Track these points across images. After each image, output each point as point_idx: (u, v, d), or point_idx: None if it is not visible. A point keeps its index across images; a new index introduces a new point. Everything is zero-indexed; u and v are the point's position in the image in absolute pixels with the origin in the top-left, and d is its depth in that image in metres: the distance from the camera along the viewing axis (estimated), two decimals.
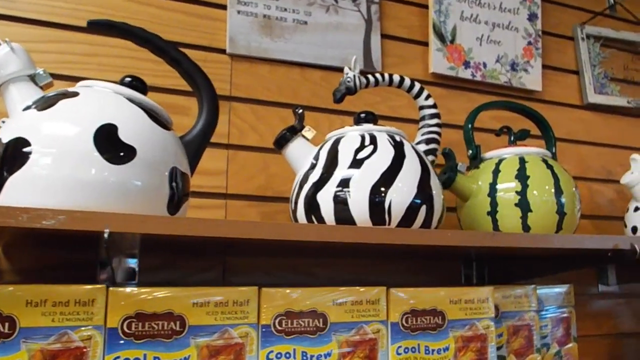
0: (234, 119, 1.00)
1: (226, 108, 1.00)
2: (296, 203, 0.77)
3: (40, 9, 0.92)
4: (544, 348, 0.98)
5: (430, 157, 0.85)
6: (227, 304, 0.62)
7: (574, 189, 0.94)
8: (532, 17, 1.28)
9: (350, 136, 0.78)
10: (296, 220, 0.77)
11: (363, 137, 0.77)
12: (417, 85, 0.88)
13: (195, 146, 0.71)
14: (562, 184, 0.92)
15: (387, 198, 0.70)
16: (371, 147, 0.74)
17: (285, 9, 1.07)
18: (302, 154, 0.79)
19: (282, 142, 0.80)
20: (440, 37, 1.17)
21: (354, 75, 0.85)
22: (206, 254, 0.92)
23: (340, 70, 1.03)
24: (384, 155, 0.73)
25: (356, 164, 0.73)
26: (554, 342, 1.01)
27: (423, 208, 0.72)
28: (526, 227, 0.90)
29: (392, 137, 0.77)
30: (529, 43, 1.27)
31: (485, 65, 1.21)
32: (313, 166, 0.76)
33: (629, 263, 0.80)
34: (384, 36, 1.16)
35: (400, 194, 0.71)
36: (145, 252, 0.87)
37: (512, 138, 1.03)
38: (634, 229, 1.14)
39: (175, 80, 0.97)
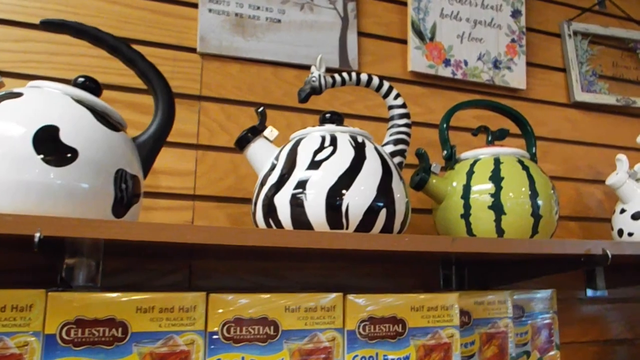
0: (204, 119, 0.99)
1: (196, 107, 0.99)
2: (255, 205, 0.75)
3: (6, 7, 0.91)
4: (524, 356, 0.96)
5: (398, 159, 0.83)
6: (173, 310, 0.61)
7: (551, 191, 0.92)
8: (515, 14, 1.25)
9: (311, 137, 0.76)
10: (256, 223, 0.76)
11: (324, 138, 0.75)
12: (386, 85, 0.87)
13: (149, 148, 0.70)
14: (538, 186, 0.90)
15: (345, 201, 0.69)
16: (331, 148, 0.73)
17: (258, 7, 1.05)
18: (263, 155, 0.78)
19: (243, 143, 0.79)
20: (419, 34, 1.15)
21: (319, 75, 0.83)
22: (173, 257, 0.91)
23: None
24: (343, 157, 0.71)
25: (314, 165, 0.71)
26: (534, 350, 0.99)
27: (383, 211, 0.70)
28: (500, 231, 0.88)
29: (354, 138, 0.75)
30: (513, 40, 1.24)
31: (466, 63, 1.19)
32: (273, 168, 0.75)
33: (602, 268, 0.77)
34: (361, 34, 1.14)
35: (358, 197, 0.69)
36: (108, 255, 0.86)
37: (489, 138, 1.00)
38: (620, 232, 1.11)
39: (138, 79, 0.96)
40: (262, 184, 0.75)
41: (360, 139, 0.76)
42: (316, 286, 0.99)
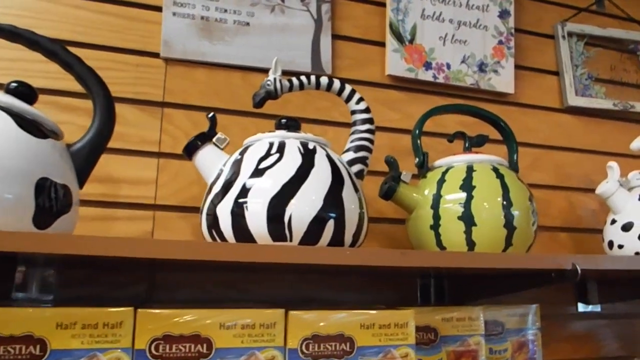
0: (167, 126, 0.97)
1: (158, 114, 0.97)
2: (201, 216, 0.72)
3: None
4: None
5: (358, 167, 0.79)
6: (98, 327, 0.58)
7: (528, 201, 0.87)
8: (503, 15, 1.21)
9: (260, 143, 0.73)
10: (203, 235, 0.73)
11: (271, 145, 0.72)
12: (348, 88, 0.83)
13: (84, 156, 0.68)
14: (512, 195, 0.85)
15: (288, 211, 0.65)
16: (277, 155, 0.70)
17: (226, 10, 1.03)
18: (212, 162, 0.75)
19: (190, 149, 0.76)
20: (398, 37, 1.12)
21: (275, 78, 0.80)
22: (133, 269, 0.89)
23: (285, 73, 0.98)
24: (289, 165, 0.68)
25: (257, 173, 0.68)
26: None
27: (331, 223, 0.67)
28: (470, 243, 0.83)
29: (304, 145, 0.72)
30: (500, 42, 1.20)
31: (449, 66, 1.15)
32: (219, 176, 0.72)
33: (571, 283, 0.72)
34: (336, 37, 1.11)
35: (303, 207, 0.66)
36: (65, 266, 0.85)
37: (467, 144, 0.96)
38: (610, 244, 1.05)
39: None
40: (208, 193, 0.72)
41: (311, 146, 0.73)
42: (284, 299, 0.95)
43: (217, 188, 0.70)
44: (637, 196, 1.04)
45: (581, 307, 1.18)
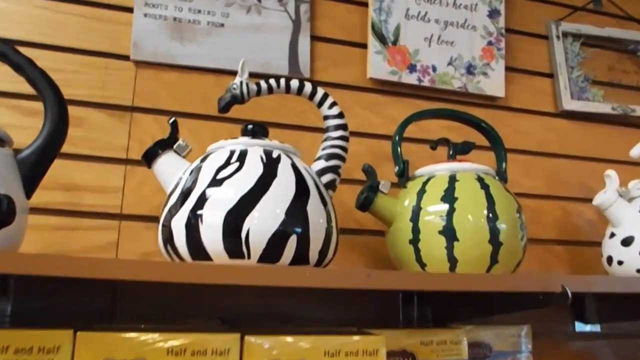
0: (135, 131, 0.93)
1: (126, 119, 0.93)
2: (159, 229, 0.68)
3: None
4: None
5: (329, 177, 0.75)
6: None
7: (516, 213, 0.82)
8: (493, 14, 1.16)
9: (222, 151, 0.69)
10: (160, 250, 0.68)
11: (232, 153, 0.67)
12: (320, 92, 0.79)
13: (32, 162, 0.63)
14: (498, 208, 0.80)
15: (245, 226, 0.61)
16: (236, 164, 0.65)
17: (199, 11, 0.99)
18: (171, 171, 0.71)
19: (149, 157, 0.72)
20: (381, 37, 1.07)
21: (241, 82, 0.76)
22: (95, 281, 0.84)
23: (261, 76, 0.94)
24: (249, 175, 0.64)
25: (215, 184, 0.63)
26: None
27: (293, 239, 0.62)
28: (452, 259, 0.78)
29: (267, 154, 0.68)
30: (489, 43, 1.15)
31: (434, 68, 1.10)
32: (177, 186, 0.68)
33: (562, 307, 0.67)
34: (316, 38, 1.06)
35: (262, 222, 0.61)
36: (23, 277, 0.80)
37: (451, 152, 0.91)
38: (609, 260, 0.99)
39: (73, 89, 0.91)
40: (165, 203, 0.68)
41: (275, 154, 0.68)
42: (255, 317, 0.91)
43: (173, 199, 0.66)
44: (637, 207, 0.98)
45: (578, 327, 1.12)
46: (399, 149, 0.89)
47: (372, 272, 0.57)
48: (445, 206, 0.79)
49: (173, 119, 0.74)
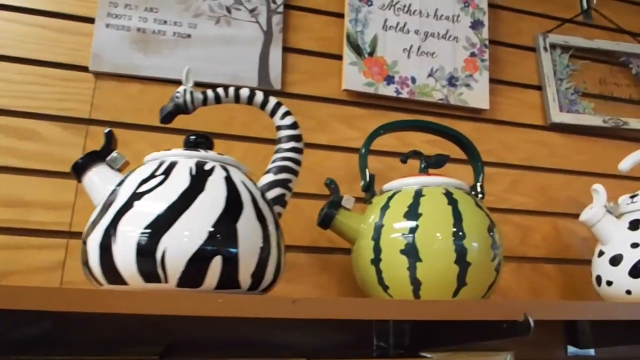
0: (90, 145, 0.83)
1: (82, 132, 0.84)
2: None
3: None
4: None
5: (277, 191, 0.64)
6: None
7: (486, 232, 0.69)
8: (476, 25, 1.05)
9: (152, 163, 0.58)
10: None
11: (160, 164, 0.57)
12: (272, 101, 0.68)
13: None
14: (466, 225, 0.67)
15: (161, 246, 0.50)
16: (161, 177, 0.55)
17: (165, 22, 0.90)
18: (101, 185, 0.60)
19: (78, 169, 0.61)
20: (356, 49, 0.96)
21: (185, 90, 0.66)
22: None
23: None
24: (172, 189, 0.53)
25: (134, 198, 0.53)
26: None
27: (217, 260, 0.51)
28: (415, 282, 0.66)
29: (199, 166, 0.57)
30: (473, 54, 1.03)
31: (414, 80, 0.98)
32: (100, 201, 0.57)
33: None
34: (290, 50, 0.96)
35: (180, 241, 0.50)
36: None
37: (422, 165, 0.79)
38: (598, 280, 0.85)
39: (28, 101, 0.83)
40: (89, 222, 0.57)
41: (209, 166, 0.57)
42: (216, 341, 0.79)
43: (94, 215, 0.55)
44: (626, 224, 0.84)
45: (571, 351, 0.97)
46: (365, 163, 0.78)
47: (298, 300, 0.45)
48: (408, 223, 0.67)
49: (108, 129, 0.64)
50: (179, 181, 0.54)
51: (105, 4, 0.87)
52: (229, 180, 0.56)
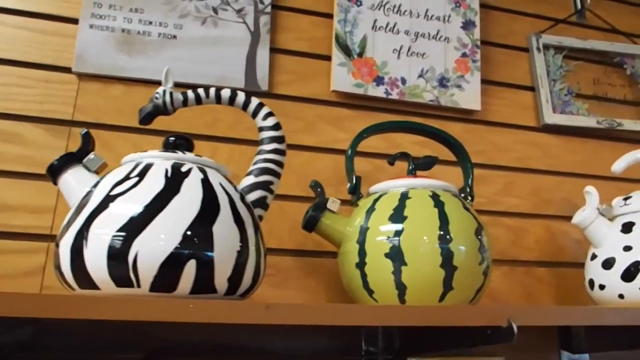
0: (73, 147, 0.79)
1: (64, 134, 0.83)
2: None
3: None
4: None
5: (258, 194, 0.62)
6: None
7: (474, 235, 0.68)
8: (467, 26, 1.04)
9: (129, 165, 0.57)
10: None
11: (136, 166, 0.56)
12: (254, 102, 0.67)
13: None
14: (453, 228, 0.66)
15: (133, 250, 0.49)
16: (135, 179, 0.54)
17: (151, 22, 0.89)
18: (77, 187, 0.59)
19: (54, 172, 0.60)
20: (345, 49, 0.95)
21: (164, 90, 0.65)
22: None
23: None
24: (146, 191, 0.52)
25: (107, 200, 0.52)
26: None
27: (191, 264, 0.50)
28: (400, 286, 0.65)
29: (176, 168, 0.56)
30: (464, 55, 1.02)
31: (404, 81, 0.97)
32: (75, 203, 0.56)
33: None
34: (278, 51, 0.95)
35: (153, 244, 0.49)
36: None
37: (410, 167, 0.78)
38: (591, 283, 0.84)
39: (9, 103, 0.82)
40: (63, 224, 0.56)
41: (186, 168, 0.56)
42: (201, 346, 0.78)
43: (67, 218, 0.54)
44: (619, 227, 0.83)
45: (565, 357, 0.96)
46: (351, 164, 0.77)
47: (271, 306, 0.44)
48: (393, 226, 0.66)
49: (85, 130, 0.63)
50: (154, 183, 0.53)
51: (89, 5, 0.86)
52: (205, 182, 0.55)
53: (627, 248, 0.80)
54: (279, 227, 0.87)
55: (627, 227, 0.82)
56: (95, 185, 0.55)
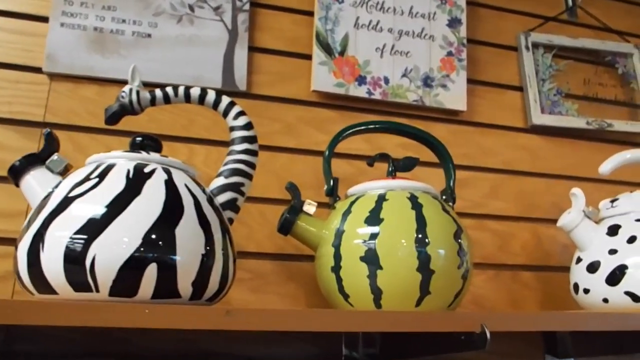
0: None
1: (36, 136, 0.82)
2: None
3: None
4: None
5: (228, 196, 0.62)
6: None
7: (452, 238, 0.68)
8: (453, 23, 1.04)
9: (90, 165, 0.57)
10: None
11: (97, 167, 0.56)
12: (225, 101, 0.67)
13: None
14: (430, 231, 0.66)
15: (90, 253, 0.48)
16: (95, 180, 0.53)
17: (124, 21, 0.89)
18: (39, 189, 0.59)
19: (15, 173, 0.60)
20: (326, 48, 0.96)
21: (131, 89, 0.65)
22: None
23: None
24: (105, 192, 0.52)
25: (65, 202, 0.52)
26: None
27: (152, 267, 0.50)
28: (376, 290, 0.65)
29: (139, 169, 0.56)
30: (449, 54, 1.02)
31: (387, 80, 0.97)
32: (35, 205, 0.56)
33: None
34: (256, 50, 0.95)
35: (111, 247, 0.49)
36: None
37: (390, 168, 0.78)
38: (575, 287, 0.85)
39: None
40: (22, 227, 0.56)
41: (149, 169, 0.56)
42: (174, 352, 0.77)
43: (26, 221, 0.54)
44: (605, 229, 0.83)
45: None
46: (328, 166, 0.77)
47: (232, 311, 0.44)
48: (369, 229, 0.66)
49: (48, 130, 0.62)
50: (114, 184, 0.52)
51: (59, 3, 0.87)
52: (169, 183, 0.55)
53: (613, 251, 0.80)
54: (258, 231, 0.87)
55: (613, 230, 0.82)
56: (57, 187, 0.55)
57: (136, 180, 0.53)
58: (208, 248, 0.54)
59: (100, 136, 0.85)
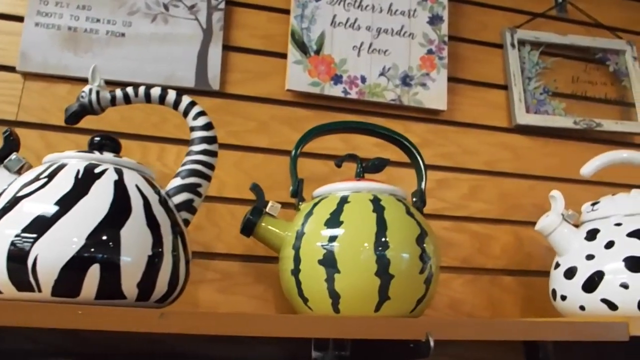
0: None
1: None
2: None
3: None
4: None
5: (184, 196, 0.64)
6: None
7: (415, 242, 0.68)
8: (434, 20, 1.04)
9: (43, 165, 0.59)
10: None
11: (49, 166, 0.58)
12: (185, 101, 0.68)
13: None
14: (390, 234, 0.66)
15: (32, 253, 0.50)
16: (44, 180, 0.55)
17: (98, 20, 0.91)
18: None
19: None
20: (301, 46, 0.97)
21: (91, 89, 0.67)
22: None
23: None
24: (52, 192, 0.54)
25: (13, 202, 0.54)
26: None
27: (95, 268, 0.51)
28: (334, 295, 0.65)
29: (89, 169, 0.57)
30: (430, 51, 1.02)
31: (363, 79, 0.98)
32: None
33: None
34: (230, 48, 0.97)
35: (53, 248, 0.51)
36: None
37: (359, 169, 0.79)
38: (553, 293, 0.84)
39: None
40: None
41: (100, 169, 0.58)
42: (139, 353, 0.79)
43: None
44: (584, 234, 0.83)
45: None
46: (294, 166, 0.78)
47: (166, 314, 0.45)
48: (329, 231, 0.67)
49: (7, 130, 0.65)
50: (62, 184, 0.54)
51: (35, 2, 0.89)
52: (119, 184, 0.57)
53: (590, 257, 0.79)
54: (228, 232, 0.88)
55: (592, 235, 0.81)
56: (7, 187, 0.57)
57: (85, 181, 0.55)
58: (155, 249, 0.56)
59: (72, 135, 0.87)
